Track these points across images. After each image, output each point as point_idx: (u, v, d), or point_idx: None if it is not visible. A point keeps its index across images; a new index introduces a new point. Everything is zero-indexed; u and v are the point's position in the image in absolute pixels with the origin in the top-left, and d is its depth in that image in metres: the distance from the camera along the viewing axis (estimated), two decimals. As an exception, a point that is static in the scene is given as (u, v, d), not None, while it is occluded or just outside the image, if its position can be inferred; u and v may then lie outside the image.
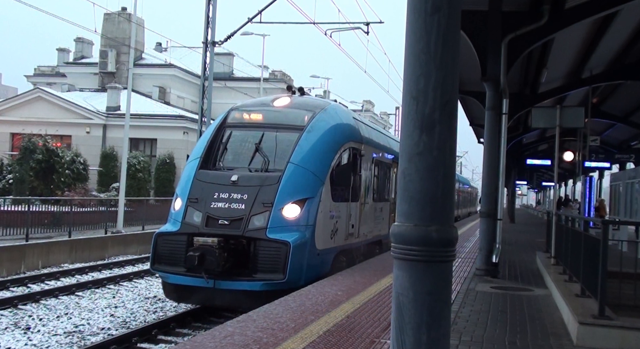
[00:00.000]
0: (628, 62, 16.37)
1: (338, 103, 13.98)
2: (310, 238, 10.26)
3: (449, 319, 2.81)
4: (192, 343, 5.69)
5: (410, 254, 2.71)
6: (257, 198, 10.29)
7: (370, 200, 14.19)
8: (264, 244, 9.96)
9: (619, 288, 6.84)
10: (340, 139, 11.85)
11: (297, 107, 12.12)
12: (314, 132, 11.34)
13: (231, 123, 12.15)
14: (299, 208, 10.33)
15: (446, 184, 2.74)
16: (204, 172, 11.14)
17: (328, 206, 11.04)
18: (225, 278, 9.93)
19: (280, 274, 9.73)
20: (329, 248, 11.17)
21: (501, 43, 11.12)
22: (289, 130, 11.51)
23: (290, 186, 10.44)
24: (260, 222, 10.10)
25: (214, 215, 10.33)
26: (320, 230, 10.62)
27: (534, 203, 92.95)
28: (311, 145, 11.09)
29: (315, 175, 10.76)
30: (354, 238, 12.81)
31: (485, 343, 6.31)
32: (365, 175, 13.60)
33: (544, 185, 62.39)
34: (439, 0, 2.70)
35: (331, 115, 12.12)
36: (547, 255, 13.47)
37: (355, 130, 12.83)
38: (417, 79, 2.73)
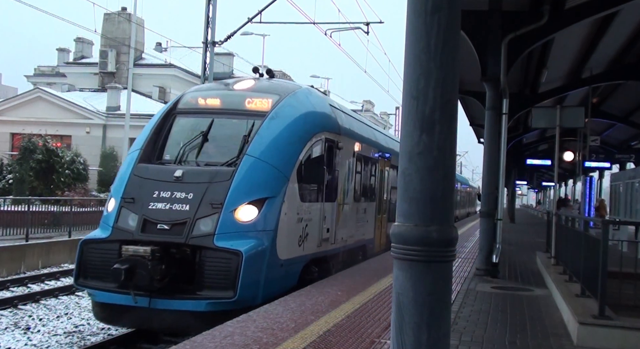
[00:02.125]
0: (628, 62, 16.38)
1: (313, 88, 12.00)
2: (269, 246, 8.56)
3: (449, 319, 2.81)
4: (192, 343, 5.69)
5: (410, 254, 2.72)
6: (205, 198, 8.56)
7: (350, 200, 12.50)
8: (210, 254, 8.18)
9: (619, 288, 6.84)
10: (311, 128, 10.09)
11: (260, 91, 10.24)
12: (279, 119, 9.58)
13: (182, 109, 10.30)
14: (255, 210, 8.60)
15: (446, 184, 2.74)
16: (143, 166, 9.30)
17: (294, 207, 9.36)
18: (164, 295, 8.15)
19: (230, 291, 7.92)
20: (296, 257, 9.47)
21: (501, 43, 11.12)
22: (249, 117, 9.71)
23: (245, 183, 8.74)
24: (207, 227, 8.36)
25: (152, 218, 8.53)
26: (283, 235, 8.92)
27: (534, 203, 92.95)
28: (274, 134, 9.32)
29: (278, 170, 9.05)
30: (329, 245, 11.07)
31: (485, 343, 6.31)
32: (345, 172, 11.94)
33: (544, 185, 62.40)
34: (439, 0, 2.70)
35: (301, 101, 10.33)
36: (547, 255, 13.47)
37: (331, 119, 11.03)
38: (417, 79, 2.73)
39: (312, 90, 11.58)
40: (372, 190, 14.80)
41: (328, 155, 10.72)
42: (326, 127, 10.71)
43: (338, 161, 11.32)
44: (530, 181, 60.80)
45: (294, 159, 9.44)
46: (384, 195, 16.07)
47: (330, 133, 10.84)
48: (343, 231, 11.93)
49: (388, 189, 16.58)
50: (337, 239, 11.54)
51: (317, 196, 10.37)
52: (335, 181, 11.28)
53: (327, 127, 10.77)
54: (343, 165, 11.74)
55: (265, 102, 9.87)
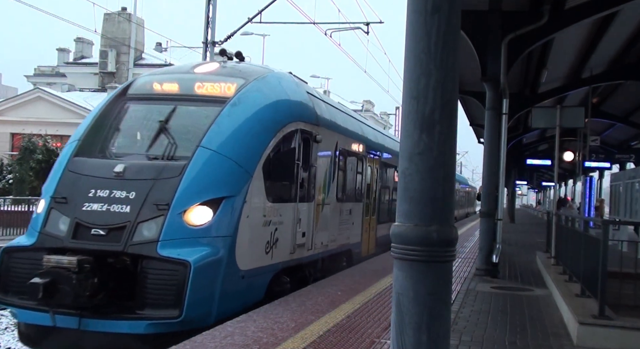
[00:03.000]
0: (628, 62, 16.39)
1: (287, 73, 10.61)
2: (226, 255, 7.31)
3: (449, 319, 2.82)
4: (192, 342, 5.69)
5: (410, 254, 2.72)
6: (149, 197, 7.29)
7: (332, 199, 11.18)
8: (153, 264, 6.93)
9: (619, 288, 6.84)
10: (282, 117, 8.85)
11: (224, 74, 9.05)
12: (242, 105, 8.37)
13: (134, 94, 9.02)
14: (210, 212, 7.37)
15: (446, 184, 2.74)
16: (80, 161, 7.98)
17: (259, 208, 8.10)
18: (97, 315, 6.86)
19: (174, 309, 6.69)
20: (262, 267, 8.19)
21: (501, 43, 11.13)
22: (208, 104, 8.48)
23: (198, 180, 7.52)
24: (150, 232, 7.11)
25: (85, 221, 7.22)
26: (244, 242, 7.66)
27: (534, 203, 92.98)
28: (236, 123, 8.13)
29: (239, 164, 7.79)
30: (305, 251, 9.72)
31: (485, 343, 6.32)
32: (325, 168, 10.65)
33: (544, 185, 62.41)
34: (439, 0, 2.70)
35: (271, 86, 9.12)
36: (547, 255, 13.47)
37: (307, 108, 9.76)
38: (417, 79, 2.73)
39: (285, 74, 10.18)
40: (359, 189, 13.53)
41: (303, 149, 9.44)
42: (301, 117, 9.39)
43: (316, 156, 10.06)
44: (530, 181, 60.81)
45: (259, 152, 8.17)
46: (372, 195, 14.97)
47: (306, 123, 9.52)
48: (323, 235, 10.61)
49: (378, 188, 15.52)
50: (316, 244, 10.18)
51: (289, 195, 9.11)
52: (313, 179, 9.94)
53: (303, 116, 9.46)
54: (322, 160, 10.49)
55: (228, 87, 8.65)
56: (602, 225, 6.68)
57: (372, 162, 14.72)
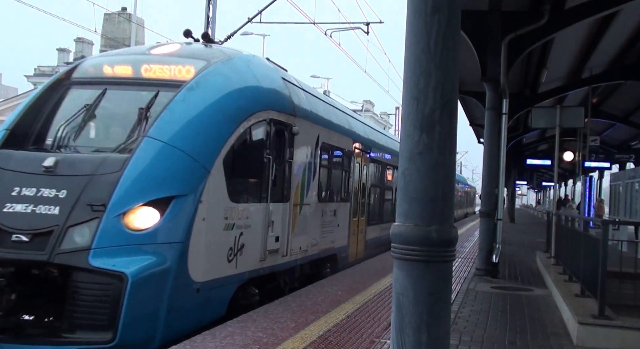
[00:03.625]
0: (628, 62, 16.40)
1: (260, 56, 9.46)
2: (175, 265, 6.25)
3: (449, 319, 2.82)
4: (192, 342, 5.69)
5: (410, 254, 2.72)
6: (83, 197, 6.23)
7: (313, 199, 10.07)
8: (83, 277, 5.90)
9: (619, 288, 6.84)
10: (249, 105, 7.78)
11: (184, 56, 8.01)
12: (201, 90, 7.34)
13: (78, 78, 7.91)
14: (156, 214, 6.31)
15: (446, 184, 2.74)
16: (4, 153, 6.87)
17: (220, 209, 7.03)
18: (16, 339, 5.81)
19: (106, 332, 5.76)
20: (224, 278, 7.11)
21: (501, 43, 11.13)
22: (162, 88, 7.40)
23: (143, 175, 6.46)
24: (82, 238, 6.07)
25: (5, 225, 6.17)
26: (200, 248, 6.59)
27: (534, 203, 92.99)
28: (191, 110, 7.08)
29: (193, 158, 6.73)
30: (280, 257, 8.63)
31: (485, 343, 6.32)
32: (303, 164, 9.52)
33: (544, 185, 62.44)
34: (439, 0, 2.70)
35: (237, 69, 8.06)
36: (547, 255, 13.48)
37: (281, 96, 8.72)
38: (417, 79, 2.73)
39: (256, 57, 9.05)
40: (345, 188, 12.37)
41: (277, 142, 8.41)
42: (274, 105, 8.35)
43: (293, 150, 8.95)
44: (530, 181, 60.86)
45: (219, 144, 7.07)
46: (361, 194, 13.74)
47: (280, 113, 8.47)
48: (301, 239, 9.50)
49: (367, 187, 14.32)
50: (293, 250, 9.08)
51: (258, 195, 7.98)
52: (288, 176, 8.84)
53: (276, 105, 8.41)
54: (301, 155, 9.36)
55: (186, 69, 7.61)
56: (602, 225, 6.68)
57: (361, 158, 13.60)
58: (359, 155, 13.38)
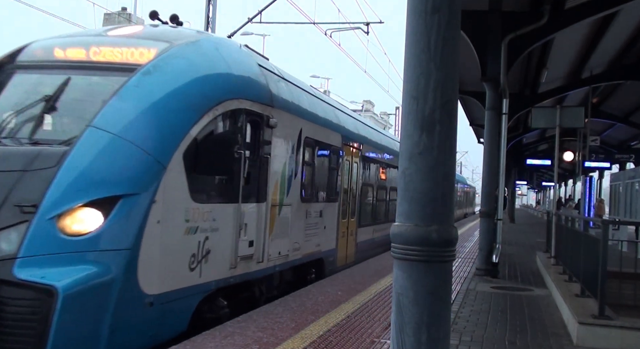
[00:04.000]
0: (628, 62, 16.41)
1: (232, 40, 8.58)
2: (122, 275, 5.41)
3: (449, 319, 2.82)
4: (192, 343, 5.69)
5: (410, 254, 2.72)
6: (11, 196, 5.44)
7: (295, 199, 9.22)
8: (8, 292, 5.10)
9: (619, 288, 6.84)
10: (216, 92, 6.92)
11: (145, 37, 7.12)
12: (158, 75, 6.47)
13: (25, 61, 7.05)
14: (99, 216, 5.48)
15: (446, 184, 2.74)
16: None
17: (180, 210, 6.18)
18: None
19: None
20: (184, 289, 6.25)
21: (501, 43, 11.14)
22: (114, 72, 6.53)
23: (84, 171, 5.59)
24: (8, 245, 5.27)
25: None
26: (153, 256, 5.76)
27: (534, 203, 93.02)
28: (146, 97, 6.22)
29: (146, 151, 5.86)
30: (254, 264, 7.76)
31: (485, 343, 6.32)
32: (284, 161, 8.71)
33: (544, 185, 62.46)
34: (439, 0, 2.70)
35: (203, 52, 7.18)
36: (547, 255, 13.48)
37: (257, 84, 7.86)
38: (417, 79, 2.73)
39: (227, 41, 8.27)
40: (333, 187, 11.47)
41: (251, 135, 7.59)
42: (247, 94, 7.46)
43: (270, 144, 8.14)
44: (530, 181, 60.89)
45: (179, 136, 6.23)
46: (351, 194, 12.90)
47: (254, 103, 7.62)
48: (281, 243, 8.66)
49: (358, 187, 13.48)
50: (270, 255, 8.24)
51: (228, 194, 7.09)
52: (265, 174, 7.99)
53: (250, 94, 7.54)
54: (280, 150, 8.54)
55: (143, 52, 6.70)
56: (602, 225, 6.68)
57: (351, 155, 12.70)
58: (349, 152, 12.58)
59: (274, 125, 8.12)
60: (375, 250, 14.93)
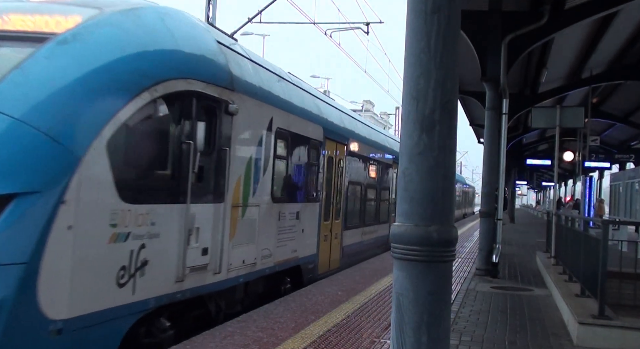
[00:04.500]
0: (628, 62, 16.43)
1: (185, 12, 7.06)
2: (12, 297, 4.32)
3: (449, 319, 2.82)
4: (192, 343, 5.69)
5: (410, 254, 2.72)
6: None
7: (264, 199, 8.13)
8: None
9: (619, 288, 6.84)
10: (155, 69, 5.75)
11: (72, 4, 5.92)
12: (77, 45, 5.31)
13: None
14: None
15: (446, 184, 2.74)
16: None
17: (103, 213, 5.07)
18: None
19: None
20: (111, 310, 5.15)
21: (501, 43, 11.15)
22: (21, 43, 5.34)
23: None
24: None
25: None
26: (61, 270, 4.68)
27: (534, 203, 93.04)
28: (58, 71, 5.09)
29: (53, 138, 4.74)
30: (210, 276, 6.60)
31: (485, 343, 6.32)
32: (249, 154, 7.60)
33: (544, 185, 62.47)
34: (439, 0, 2.70)
35: (142, 22, 6.00)
36: (547, 255, 13.48)
37: (213, 63, 6.74)
38: (417, 79, 2.73)
39: (178, 12, 6.82)
40: (314, 185, 10.34)
41: (205, 123, 6.43)
42: (199, 74, 6.37)
43: (230, 134, 7.00)
44: (530, 181, 60.91)
45: (101, 121, 5.09)
46: (335, 192, 11.74)
47: (209, 85, 6.50)
48: (246, 250, 7.52)
49: (344, 185, 12.35)
50: (232, 264, 7.10)
51: (173, 193, 5.95)
52: (223, 169, 6.83)
53: (203, 74, 6.44)
54: (243, 142, 7.43)
55: (62, 20, 5.51)
56: (602, 225, 6.68)
57: (335, 151, 11.60)
58: (334, 146, 11.40)
59: (235, 112, 7.00)
60: (365, 254, 14.08)
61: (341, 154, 12.08)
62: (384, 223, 16.31)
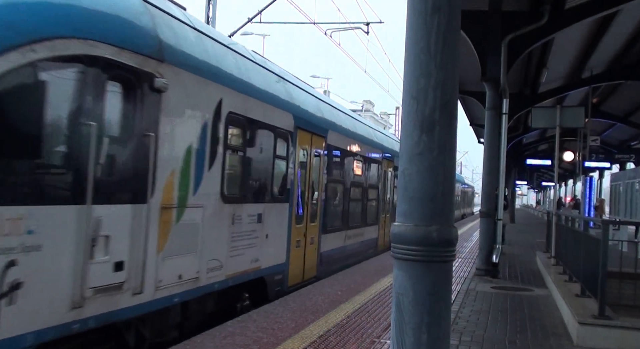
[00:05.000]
0: (628, 62, 16.42)
1: None
2: None
3: (449, 319, 2.82)
4: (192, 343, 5.69)
5: (410, 254, 2.72)
6: None
7: (210, 198, 6.67)
8: None
9: (619, 288, 6.84)
10: (31, 23, 4.45)
11: None
12: None
13: None
14: None
15: (446, 184, 2.74)
16: None
17: None
18: None
19: None
20: None
21: (501, 43, 11.15)
22: None
23: None
24: None
25: None
26: None
27: (534, 203, 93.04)
28: None
29: None
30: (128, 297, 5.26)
31: (485, 343, 6.32)
32: (187, 142, 6.19)
33: (544, 185, 62.45)
34: (439, 0, 2.70)
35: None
36: (547, 255, 13.48)
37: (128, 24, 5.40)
38: (417, 79, 2.73)
39: None
40: (281, 182, 8.93)
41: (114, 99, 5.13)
42: (107, 35, 5.00)
43: (158, 117, 5.63)
44: (530, 181, 60.87)
45: None
46: (310, 191, 10.33)
47: (123, 51, 5.15)
48: (183, 263, 6.13)
49: (322, 182, 10.87)
50: (162, 280, 5.75)
51: (63, 190, 4.69)
52: (146, 160, 5.48)
53: (112, 36, 5.08)
54: (178, 127, 6.02)
55: None
56: (602, 225, 6.68)
57: (310, 142, 10.10)
58: (308, 138, 9.93)
59: (163, 89, 5.64)
60: (350, 260, 12.70)
61: (318, 147, 10.59)
62: (372, 225, 15.16)
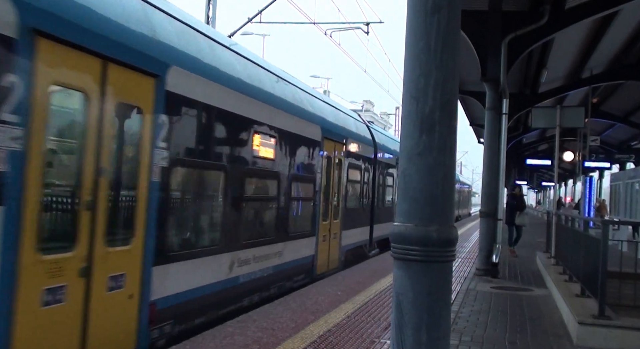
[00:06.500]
0: (628, 62, 16.40)
1: None
2: None
3: (449, 319, 2.81)
4: (192, 343, 5.69)
5: (410, 254, 2.72)
6: None
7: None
8: None
9: (619, 288, 6.84)
10: None
11: None
12: None
13: None
14: None
15: (446, 184, 2.74)
16: None
17: None
18: None
19: None
20: None
21: (501, 43, 11.14)
22: None
23: None
24: None
25: None
26: None
27: (534, 203, 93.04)
28: None
29: None
30: None
31: (485, 343, 6.32)
32: None
33: (544, 185, 62.44)
34: (439, 0, 2.70)
35: None
36: (547, 255, 13.48)
37: None
38: (417, 79, 2.73)
39: None
40: None
41: None
42: None
43: None
44: (530, 181, 60.85)
45: None
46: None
47: None
48: None
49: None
50: None
51: None
52: None
53: None
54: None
55: None
56: (602, 225, 6.68)
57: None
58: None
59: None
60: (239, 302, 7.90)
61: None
62: (302, 238, 10.08)
